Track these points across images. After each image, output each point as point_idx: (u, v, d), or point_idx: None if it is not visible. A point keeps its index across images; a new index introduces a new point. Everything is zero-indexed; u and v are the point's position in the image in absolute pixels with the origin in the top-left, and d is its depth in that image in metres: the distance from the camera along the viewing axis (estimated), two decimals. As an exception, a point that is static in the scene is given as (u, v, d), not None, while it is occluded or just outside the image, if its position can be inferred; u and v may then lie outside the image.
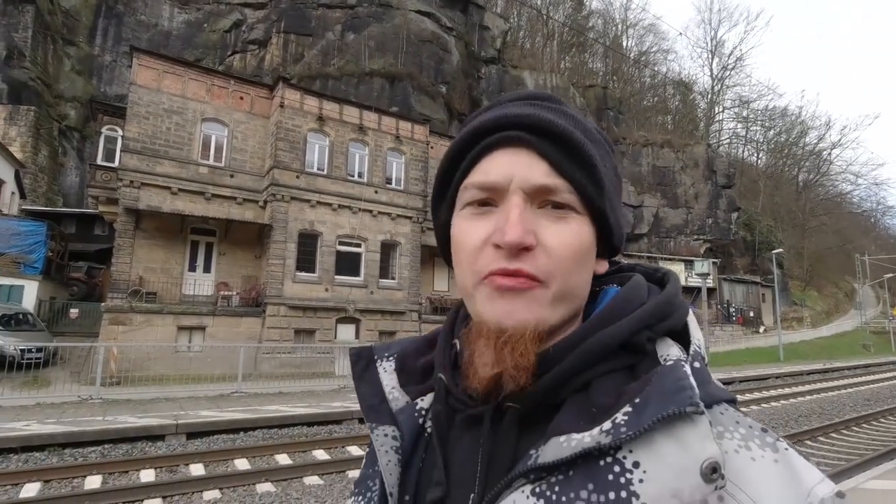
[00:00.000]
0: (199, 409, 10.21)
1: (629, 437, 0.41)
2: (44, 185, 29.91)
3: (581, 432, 0.43)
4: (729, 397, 0.47)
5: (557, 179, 0.50)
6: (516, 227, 0.47)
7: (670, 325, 0.51)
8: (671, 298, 0.53)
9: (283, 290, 18.37)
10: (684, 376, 0.43)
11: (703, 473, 0.38)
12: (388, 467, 0.54)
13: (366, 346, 0.66)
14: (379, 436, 0.56)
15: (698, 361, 0.48)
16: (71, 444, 7.74)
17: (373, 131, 21.63)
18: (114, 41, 35.45)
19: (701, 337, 0.52)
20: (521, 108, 0.52)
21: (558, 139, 0.50)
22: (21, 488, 6.03)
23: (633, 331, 0.49)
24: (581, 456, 0.42)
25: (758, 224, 51.83)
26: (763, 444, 0.42)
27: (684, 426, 0.40)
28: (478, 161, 0.53)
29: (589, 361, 0.48)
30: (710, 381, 0.47)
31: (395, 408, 0.59)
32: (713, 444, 0.39)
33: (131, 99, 17.72)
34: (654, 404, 0.41)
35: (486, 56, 44.29)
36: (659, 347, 0.50)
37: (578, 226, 0.51)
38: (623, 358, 0.50)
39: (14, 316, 15.72)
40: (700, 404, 0.40)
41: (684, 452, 0.39)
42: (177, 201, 17.98)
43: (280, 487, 6.29)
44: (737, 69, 61.98)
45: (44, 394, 11.26)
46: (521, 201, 0.49)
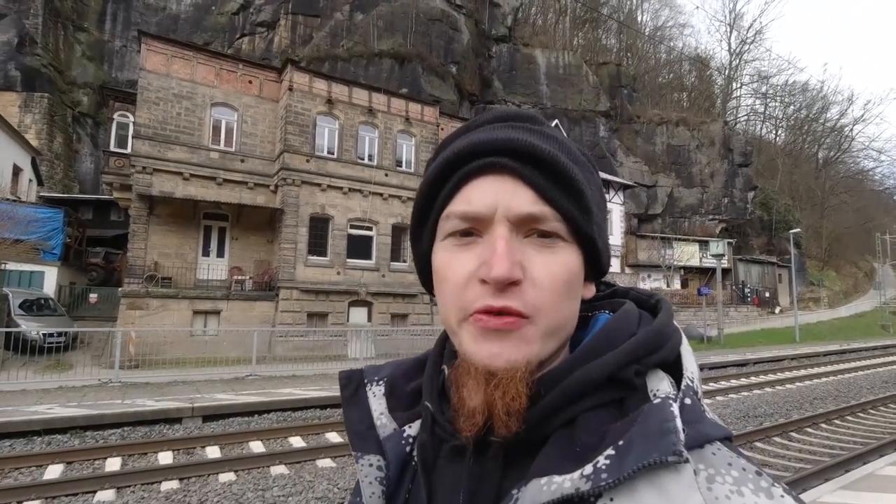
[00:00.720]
0: (214, 392, 10.42)
1: (609, 485, 0.39)
2: (60, 172, 30.30)
3: (563, 474, 0.42)
4: (723, 434, 0.44)
5: (544, 207, 0.48)
6: (503, 261, 0.45)
7: (661, 357, 0.49)
8: (662, 329, 0.50)
9: (295, 273, 18.52)
10: (670, 417, 0.41)
11: None
12: (371, 500, 0.53)
13: (356, 368, 0.64)
14: (364, 466, 0.54)
15: (689, 397, 0.45)
16: (92, 426, 7.95)
17: (382, 113, 21.45)
18: (123, 26, 35.42)
19: (695, 369, 0.49)
20: (502, 132, 0.49)
21: (543, 164, 0.48)
22: (45, 470, 6.23)
23: (620, 365, 0.47)
24: (563, 502, 0.41)
25: (775, 203, 50.81)
26: (757, 490, 0.39)
27: (667, 475, 0.39)
28: (459, 188, 0.50)
29: (573, 397, 0.46)
30: (703, 419, 0.44)
31: (382, 434, 0.57)
32: (697, 496, 0.37)
33: (141, 84, 17.74)
34: (637, 450, 0.40)
35: (496, 34, 43.45)
36: (650, 381, 0.47)
37: (566, 255, 0.49)
38: (610, 392, 0.47)
39: (36, 301, 16.10)
40: (683, 453, 0.38)
41: (664, 502, 0.38)
42: (189, 187, 18.11)
43: (293, 470, 6.41)
44: (756, 43, 60.18)
45: (66, 377, 11.57)
46: (506, 232, 0.47)
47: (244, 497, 5.49)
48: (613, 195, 36.09)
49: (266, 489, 5.72)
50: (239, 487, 5.75)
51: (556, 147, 0.49)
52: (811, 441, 7.99)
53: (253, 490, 5.68)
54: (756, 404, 10.64)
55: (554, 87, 42.82)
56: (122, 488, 5.65)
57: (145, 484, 5.79)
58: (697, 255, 39.41)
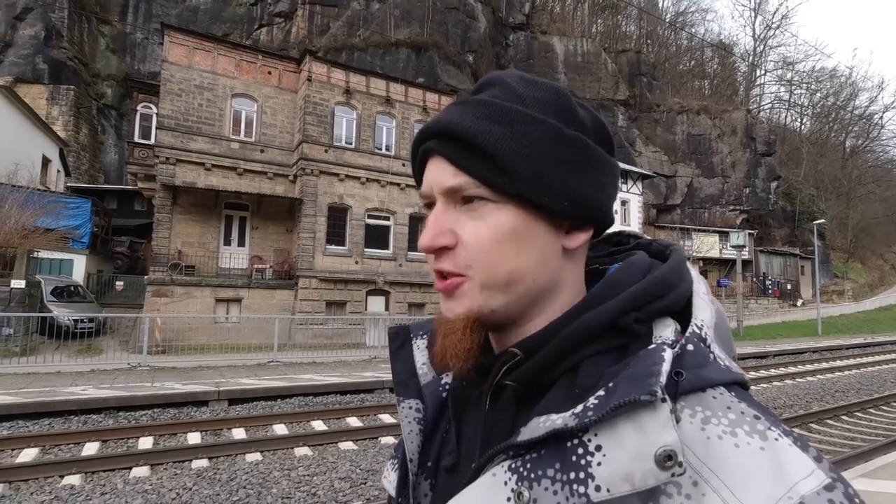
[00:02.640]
0: (238, 376, 10.73)
1: (593, 421, 0.42)
2: (86, 163, 31.06)
3: (558, 413, 0.45)
4: (730, 379, 0.46)
5: (462, 178, 0.52)
6: (427, 232, 0.53)
7: (665, 304, 0.51)
8: (665, 277, 0.53)
9: (314, 262, 18.81)
10: (658, 361, 0.43)
11: (657, 460, 0.39)
12: (409, 436, 0.60)
13: (404, 324, 0.70)
14: (404, 408, 0.61)
15: (693, 343, 0.47)
16: (124, 407, 8.28)
17: (400, 103, 21.50)
18: (144, 18, 35.91)
19: (706, 316, 0.51)
20: (441, 114, 0.55)
21: (456, 139, 0.52)
22: (83, 447, 6.54)
23: (618, 313, 0.50)
24: (553, 436, 0.44)
25: (799, 193, 49.66)
26: (752, 431, 0.41)
27: (645, 413, 0.41)
28: (421, 171, 0.57)
29: (574, 344, 0.50)
30: (707, 364, 0.46)
31: (423, 382, 0.64)
32: (671, 433, 0.39)
33: (164, 76, 18.07)
34: (621, 390, 0.42)
35: (514, 22, 43.00)
36: (656, 328, 0.50)
37: (495, 216, 0.51)
38: (612, 339, 0.50)
39: (66, 288, 16.66)
40: (658, 392, 0.40)
41: (641, 438, 0.40)
42: (210, 177, 18.46)
43: (317, 451, 6.62)
44: (782, 28, 58.73)
45: (97, 361, 12.01)
46: (441, 206, 0.54)
47: (271, 476, 5.70)
48: (631, 185, 35.67)
49: (291, 469, 5.93)
50: (266, 467, 5.97)
51: (479, 113, 0.52)
52: (831, 433, 7.95)
53: (279, 469, 5.90)
54: (775, 396, 10.58)
55: (572, 76, 42.29)
56: (155, 465, 5.91)
57: (177, 462, 6.05)
58: (717, 246, 38.84)
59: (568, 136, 0.52)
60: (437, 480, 0.59)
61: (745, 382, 0.48)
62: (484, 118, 0.51)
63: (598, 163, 0.54)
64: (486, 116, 0.52)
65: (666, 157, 43.33)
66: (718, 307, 0.55)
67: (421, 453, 0.60)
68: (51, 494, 4.97)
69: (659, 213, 41.81)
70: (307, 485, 5.48)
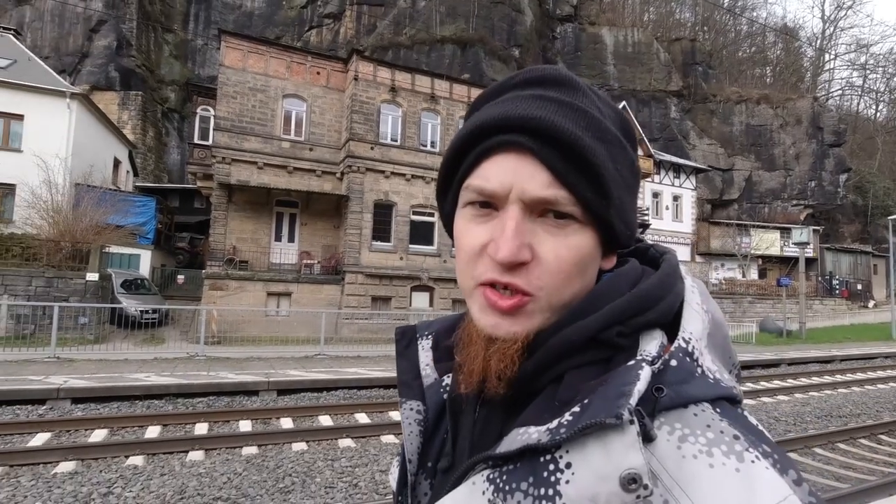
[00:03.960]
0: (287, 368, 11.17)
1: (564, 439, 0.42)
2: (151, 164, 33.12)
3: (536, 426, 0.45)
4: (717, 395, 0.45)
5: (560, 191, 0.48)
6: (509, 243, 0.48)
7: (650, 318, 0.50)
8: (652, 290, 0.51)
9: (360, 258, 19.24)
10: (632, 381, 0.43)
11: (622, 482, 0.38)
12: (409, 437, 0.60)
13: (410, 325, 0.69)
14: (405, 409, 0.62)
15: (676, 359, 0.46)
16: (182, 394, 8.83)
17: (444, 100, 21.57)
18: (204, 25, 37.80)
19: (695, 328, 0.49)
20: (526, 106, 0.49)
21: (563, 146, 0.48)
22: (146, 430, 7.04)
23: (599, 328, 0.49)
24: (528, 450, 0.44)
25: (872, 186, 46.04)
26: (728, 452, 0.40)
27: (613, 434, 0.40)
28: (479, 162, 0.51)
29: (556, 357, 0.49)
30: (690, 380, 0.45)
31: (426, 384, 0.64)
32: (637, 455, 0.39)
33: (220, 79, 18.96)
34: (591, 410, 0.42)
35: (560, 14, 42.12)
36: (642, 340, 0.49)
37: (579, 237, 0.50)
38: (595, 352, 0.49)
39: (134, 281, 17.88)
40: (623, 415, 0.40)
41: (607, 460, 0.40)
42: (263, 175, 19.23)
43: (359, 444, 6.81)
44: (855, 8, 54.33)
45: (159, 350, 12.84)
46: (518, 213, 0.49)
47: (315, 465, 5.92)
48: (684, 180, 34.25)
49: (335, 459, 6.13)
50: (311, 456, 6.21)
51: (583, 123, 0.49)
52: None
53: (323, 460, 6.11)
54: (841, 404, 9.92)
55: (622, 67, 41.00)
56: (209, 450, 6.27)
57: (229, 448, 6.39)
58: (778, 243, 36.66)
59: (636, 165, 0.53)
60: (435, 481, 0.59)
61: (733, 397, 0.47)
62: (587, 129, 0.49)
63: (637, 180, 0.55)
64: (588, 128, 0.49)
65: (722, 149, 41.27)
66: (715, 315, 0.54)
67: (421, 454, 0.61)
68: (117, 473, 5.38)
69: (714, 208, 39.92)
70: (349, 475, 5.65)
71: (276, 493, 5.07)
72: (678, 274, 0.54)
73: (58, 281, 14.93)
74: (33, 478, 5.22)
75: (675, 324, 0.50)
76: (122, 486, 5.07)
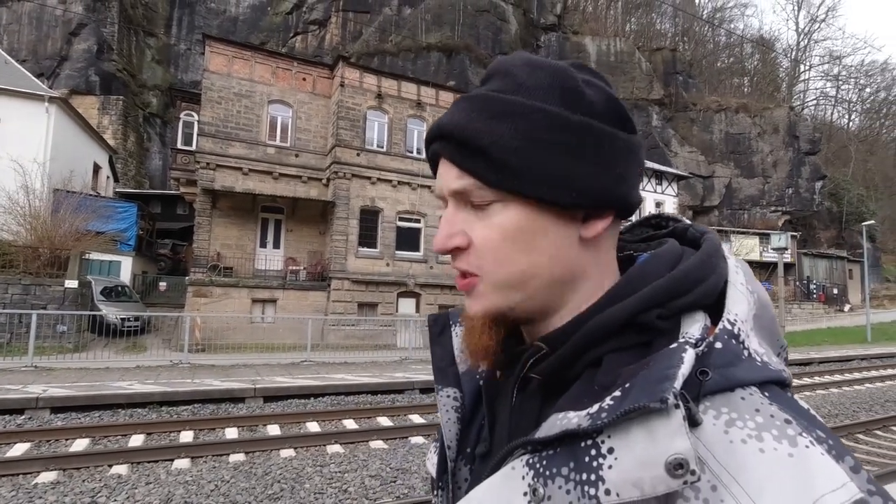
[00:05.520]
0: (273, 375, 11.06)
1: (606, 424, 0.41)
2: (133, 169, 32.62)
3: (576, 411, 0.45)
4: (765, 378, 0.44)
5: (466, 179, 0.51)
6: (439, 234, 0.54)
7: (691, 300, 0.48)
8: (692, 271, 0.50)
9: (346, 265, 19.16)
10: (676, 364, 0.41)
11: (668, 468, 0.37)
12: (447, 424, 0.61)
13: (443, 312, 0.69)
14: (442, 397, 0.63)
15: (721, 341, 0.45)
16: (166, 402, 8.68)
17: (430, 106, 21.69)
18: (187, 30, 37.49)
19: (741, 309, 0.48)
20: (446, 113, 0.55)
21: (455, 139, 0.51)
22: (129, 438, 6.90)
23: (637, 310, 0.48)
24: (568, 435, 0.44)
25: (846, 193, 47.33)
26: (780, 437, 0.38)
27: (658, 418, 0.39)
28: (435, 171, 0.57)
29: (594, 340, 0.49)
30: (737, 362, 0.44)
31: (461, 370, 0.64)
32: (683, 440, 0.38)
33: (205, 85, 18.81)
34: (634, 394, 0.41)
35: (545, 23, 42.72)
36: (684, 323, 0.47)
37: (503, 216, 0.51)
38: (634, 336, 0.49)
39: (114, 288, 17.53)
40: (668, 399, 0.39)
41: (652, 445, 0.39)
42: (248, 181, 19.08)
43: (348, 449, 6.77)
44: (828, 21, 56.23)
45: (141, 358, 12.61)
46: (450, 207, 0.54)
47: (304, 471, 5.88)
48: (666, 186, 34.85)
49: (324, 465, 6.09)
50: (299, 463, 6.16)
51: (477, 108, 0.51)
52: (880, 444, 7.57)
53: (312, 466, 6.07)
54: (819, 404, 10.15)
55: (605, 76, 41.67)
56: (195, 458, 6.18)
57: (216, 455, 6.31)
58: (757, 248, 37.45)
59: (574, 122, 0.49)
60: (475, 466, 0.59)
61: (783, 381, 0.45)
62: (482, 114, 0.50)
63: (610, 146, 0.51)
64: (484, 111, 0.50)
65: (703, 157, 42.12)
66: (761, 295, 0.52)
67: (460, 440, 0.61)
68: (100, 482, 5.28)
69: (696, 214, 40.64)
70: (339, 481, 5.62)
71: (264, 500, 5.02)
72: (721, 253, 0.52)
73: (35, 288, 14.58)
74: (13, 488, 5.09)
75: (718, 305, 0.49)
76: (107, 495, 4.98)
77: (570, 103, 0.50)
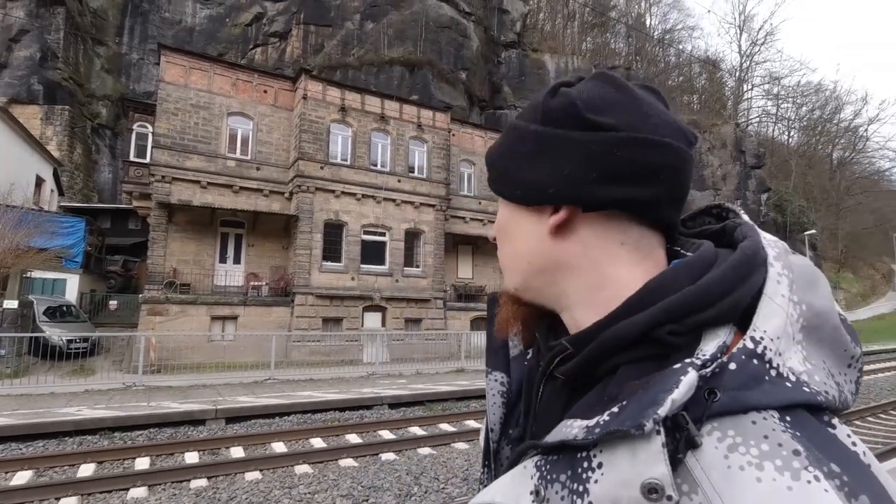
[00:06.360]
0: (235, 395, 10.61)
1: (596, 441, 0.42)
2: (80, 182, 30.99)
3: (582, 419, 0.46)
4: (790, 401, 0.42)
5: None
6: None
7: (713, 314, 0.46)
8: (716, 284, 0.47)
9: (310, 279, 18.75)
10: (669, 388, 0.41)
11: (643, 491, 0.38)
12: (492, 407, 0.65)
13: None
14: (490, 380, 0.67)
15: (737, 361, 0.43)
16: (120, 427, 8.16)
17: (395, 120, 21.70)
18: (140, 39, 36.23)
19: (771, 326, 0.45)
20: None
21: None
22: (78, 468, 6.43)
23: (649, 326, 0.47)
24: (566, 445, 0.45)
25: (789, 205, 50.29)
26: (783, 468, 0.37)
27: (640, 441, 0.40)
28: None
29: (608, 350, 0.49)
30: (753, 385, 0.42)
31: (512, 354, 0.67)
32: (661, 466, 0.39)
33: (160, 95, 18.17)
34: (624, 414, 0.42)
35: (505, 40, 43.72)
36: (705, 338, 0.46)
37: (498, 212, 0.64)
38: (649, 349, 0.47)
39: (59, 308, 16.49)
40: (646, 426, 0.39)
41: (631, 466, 0.40)
42: (206, 195, 18.46)
43: (317, 469, 6.54)
44: (766, 44, 60.08)
45: (91, 381, 11.85)
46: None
47: (272, 494, 5.63)
48: (625, 199, 36.01)
49: (292, 487, 5.86)
50: (266, 485, 5.90)
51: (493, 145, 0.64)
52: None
53: (279, 488, 5.82)
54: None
55: (563, 92, 42.95)
56: (153, 486, 5.82)
57: (175, 482, 5.96)
58: (711, 257, 39.10)
59: (529, 132, 0.56)
60: (515, 447, 0.62)
61: (818, 405, 0.43)
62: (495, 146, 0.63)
63: (560, 148, 0.53)
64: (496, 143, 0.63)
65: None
66: (816, 304, 0.47)
67: (504, 422, 0.65)
68: (47, 517, 4.88)
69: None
70: (308, 503, 5.41)
71: (230, 527, 4.76)
72: (756, 262, 0.48)
73: (-30, 310, 13.55)
74: (-55, 529, 4.64)
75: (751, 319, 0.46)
76: (54, 530, 4.60)
77: (537, 116, 0.57)
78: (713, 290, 0.47)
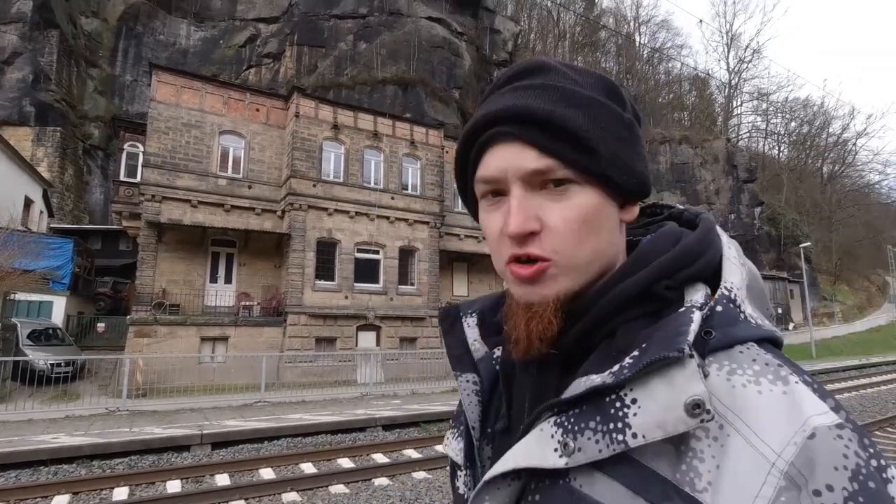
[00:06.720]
0: (223, 418, 10.22)
1: (628, 378, 0.46)
2: (70, 203, 30.69)
3: (598, 373, 0.49)
4: (758, 336, 0.49)
5: (548, 160, 0.53)
6: (515, 217, 0.53)
7: (693, 271, 0.54)
8: (693, 246, 0.56)
9: (303, 298, 18.43)
10: (686, 322, 0.47)
11: (687, 409, 0.43)
12: (469, 407, 0.65)
13: (454, 305, 0.73)
14: (462, 382, 0.66)
15: (721, 305, 0.51)
16: (98, 455, 7.78)
17: (387, 137, 21.65)
18: (133, 61, 36.36)
19: (736, 279, 0.54)
20: (506, 99, 0.55)
21: (540, 122, 0.53)
22: (51, 500, 6.05)
23: (649, 282, 0.53)
24: (593, 393, 0.49)
25: (782, 218, 50.56)
26: (775, 379, 0.45)
27: (675, 368, 0.45)
28: (481, 156, 0.57)
29: (610, 312, 0.53)
30: (735, 323, 0.50)
31: (476, 357, 0.67)
32: (698, 384, 0.43)
33: (151, 115, 18.05)
34: (653, 349, 0.46)
35: (497, 59, 44.23)
36: (687, 293, 0.53)
37: (580, 197, 0.54)
38: (645, 306, 0.53)
39: (44, 331, 16.04)
40: (685, 349, 0.44)
41: (671, 391, 0.44)
42: (197, 214, 18.21)
43: (306, 497, 6.20)
44: (754, 61, 61.12)
45: (73, 407, 11.41)
46: (520, 190, 0.54)
47: (255, 525, 5.28)
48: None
49: (278, 517, 5.51)
50: (250, 515, 5.55)
51: (554, 97, 0.54)
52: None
53: (264, 518, 5.48)
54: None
55: (556, 109, 43.42)
56: (129, 518, 5.46)
57: (153, 513, 5.61)
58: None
59: (626, 118, 0.57)
60: (495, 444, 0.63)
61: (775, 339, 0.51)
62: (560, 102, 0.54)
63: (642, 141, 0.60)
64: (561, 100, 0.54)
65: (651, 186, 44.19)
66: (751, 268, 0.59)
67: (481, 421, 0.64)
68: (10, 556, 4.51)
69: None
70: (295, 534, 5.07)
71: (209, 563, 4.41)
72: (716, 231, 0.59)
73: (-50, 334, 13.12)
74: None
75: (715, 277, 0.55)
76: (16, 571, 4.24)
77: (619, 102, 0.58)
78: (694, 250, 0.56)
